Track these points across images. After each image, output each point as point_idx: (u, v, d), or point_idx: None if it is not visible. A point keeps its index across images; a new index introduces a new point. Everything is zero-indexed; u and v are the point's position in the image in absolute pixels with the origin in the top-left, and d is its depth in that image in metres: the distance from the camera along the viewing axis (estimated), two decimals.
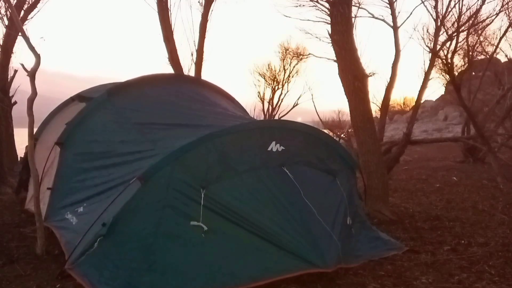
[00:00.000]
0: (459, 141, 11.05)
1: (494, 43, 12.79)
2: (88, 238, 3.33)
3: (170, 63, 7.84)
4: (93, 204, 3.82)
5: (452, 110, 27.34)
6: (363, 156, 5.77)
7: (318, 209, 3.73)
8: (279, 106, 24.22)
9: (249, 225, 3.42)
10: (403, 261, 4.05)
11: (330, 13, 6.00)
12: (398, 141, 8.76)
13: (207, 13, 8.40)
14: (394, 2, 9.27)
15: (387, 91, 9.42)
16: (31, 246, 4.29)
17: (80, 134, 4.71)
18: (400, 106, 36.39)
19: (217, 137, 3.59)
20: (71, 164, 4.52)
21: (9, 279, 3.56)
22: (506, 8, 10.51)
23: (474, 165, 11.27)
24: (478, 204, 6.63)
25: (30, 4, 9.91)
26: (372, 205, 5.61)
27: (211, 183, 3.41)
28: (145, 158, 3.75)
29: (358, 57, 5.86)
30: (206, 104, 5.00)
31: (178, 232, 3.29)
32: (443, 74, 14.45)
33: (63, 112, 5.65)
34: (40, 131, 5.76)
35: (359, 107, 5.75)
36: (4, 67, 9.68)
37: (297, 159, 3.97)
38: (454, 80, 8.54)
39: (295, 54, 22.89)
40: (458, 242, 4.68)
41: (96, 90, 5.52)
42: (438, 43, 9.08)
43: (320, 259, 3.46)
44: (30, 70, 4.22)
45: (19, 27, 4.82)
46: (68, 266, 3.38)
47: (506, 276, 3.70)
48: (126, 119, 4.57)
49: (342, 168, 4.41)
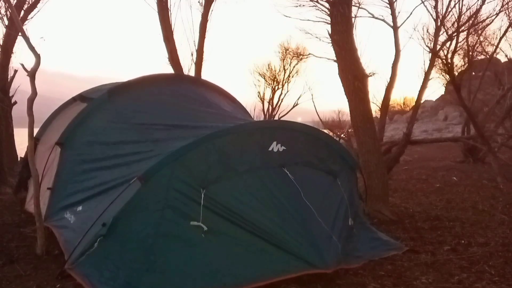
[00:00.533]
0: (459, 141, 11.05)
1: (494, 43, 12.82)
2: (88, 238, 3.33)
3: (170, 63, 7.85)
4: (92, 204, 3.82)
5: (452, 110, 27.34)
6: (363, 156, 5.77)
7: (318, 209, 3.73)
8: (279, 106, 24.24)
9: (249, 226, 3.42)
10: (403, 261, 4.05)
11: (330, 13, 6.00)
12: (398, 141, 8.76)
13: (207, 13, 8.41)
14: (394, 2, 9.28)
15: (387, 91, 9.43)
16: (31, 246, 4.29)
17: (81, 134, 4.71)
18: (400, 106, 36.40)
19: (218, 138, 3.58)
20: (71, 164, 4.52)
21: (9, 279, 3.56)
22: (506, 8, 10.54)
23: (474, 165, 11.27)
24: (478, 204, 6.63)
25: (30, 4, 9.91)
26: (372, 205, 5.61)
27: (211, 184, 3.41)
28: (145, 159, 3.75)
29: (358, 57, 5.86)
30: (206, 104, 5.00)
31: (178, 233, 3.28)
32: (443, 74, 14.48)
33: (65, 112, 5.65)
34: (42, 131, 5.76)
35: (359, 107, 5.75)
36: (4, 67, 9.67)
37: (298, 159, 3.97)
38: (454, 80, 8.54)
39: (295, 54, 22.91)
40: (458, 242, 4.68)
41: (97, 90, 5.53)
42: (438, 43, 9.09)
43: (319, 260, 3.46)
44: (30, 70, 4.22)
45: (19, 27, 4.82)
46: (68, 266, 3.38)
47: (506, 276, 3.70)
48: (126, 120, 4.57)
49: (342, 168, 4.41)
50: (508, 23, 11.32)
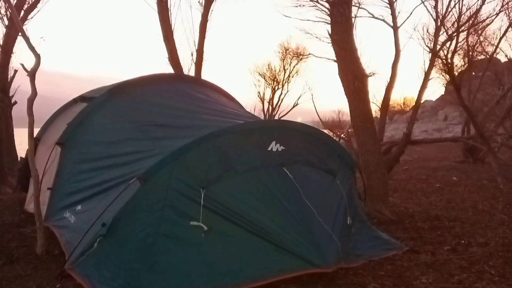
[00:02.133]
0: (459, 141, 11.05)
1: (494, 43, 12.85)
2: (88, 238, 3.32)
3: (170, 63, 7.85)
4: (92, 203, 3.82)
5: (452, 110, 27.37)
6: (363, 156, 5.77)
7: (317, 209, 3.72)
8: (279, 106, 24.30)
9: (249, 225, 3.42)
10: (403, 261, 4.04)
11: (330, 13, 6.00)
12: (398, 141, 8.77)
13: (207, 13, 8.41)
14: (394, 2, 9.28)
15: (387, 91, 9.43)
16: (31, 246, 4.28)
17: (81, 134, 4.71)
18: (400, 106, 36.44)
19: (217, 137, 3.58)
20: (71, 164, 4.52)
21: (9, 279, 3.56)
22: (506, 8, 10.56)
23: (474, 165, 11.27)
24: (478, 204, 6.63)
25: (30, 4, 9.93)
26: (372, 205, 5.61)
27: (211, 183, 3.41)
28: (145, 158, 3.75)
29: (358, 57, 5.86)
30: (206, 104, 5.00)
31: (178, 232, 3.28)
32: (443, 74, 14.50)
33: (66, 113, 5.65)
34: (42, 132, 5.76)
35: (359, 107, 5.75)
36: (4, 67, 9.69)
37: (297, 158, 3.97)
38: (454, 80, 8.55)
39: (295, 54, 22.96)
40: (458, 242, 4.68)
41: (98, 91, 5.53)
42: (438, 43, 9.10)
43: (320, 259, 3.46)
44: (30, 70, 4.22)
45: (19, 27, 4.82)
46: (68, 266, 3.38)
47: (506, 276, 3.70)
48: (126, 119, 4.57)
49: (341, 167, 4.41)
50: (508, 23, 11.36)
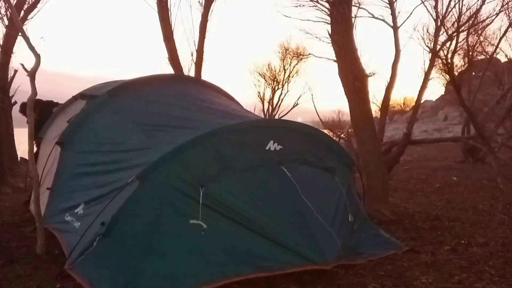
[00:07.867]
0: (459, 141, 11.05)
1: (494, 43, 12.83)
2: (87, 238, 3.32)
3: (170, 63, 7.83)
4: (93, 206, 3.79)
5: (452, 110, 27.35)
6: (363, 156, 5.77)
7: (316, 206, 3.73)
8: (279, 106, 24.30)
9: (247, 223, 3.43)
10: (403, 261, 4.04)
11: (330, 13, 6.00)
12: (398, 141, 8.76)
13: (207, 13, 8.39)
14: (394, 2, 9.26)
15: (387, 91, 9.41)
16: (31, 246, 4.29)
17: (81, 134, 4.71)
18: (400, 106, 36.41)
19: (216, 136, 3.59)
20: (71, 164, 4.52)
21: (9, 279, 3.56)
22: (506, 8, 10.55)
23: (474, 165, 11.27)
24: (478, 204, 6.62)
25: (30, 4, 9.93)
26: (372, 205, 5.60)
27: (209, 182, 3.41)
28: (143, 157, 3.75)
29: (358, 57, 5.86)
30: (206, 104, 4.99)
31: (177, 231, 3.28)
32: (443, 74, 14.48)
33: (67, 111, 5.65)
34: (45, 130, 5.76)
35: (359, 107, 5.75)
36: (4, 67, 9.69)
37: (295, 157, 3.98)
38: (454, 80, 8.55)
39: (295, 54, 22.96)
40: (458, 242, 4.68)
41: (98, 88, 5.53)
42: (438, 43, 9.08)
43: (318, 256, 3.47)
44: (30, 70, 4.22)
45: (19, 27, 4.81)
46: (67, 266, 3.38)
47: (506, 276, 3.70)
48: (126, 119, 4.57)
49: (339, 165, 4.42)
50: (508, 23, 11.34)
